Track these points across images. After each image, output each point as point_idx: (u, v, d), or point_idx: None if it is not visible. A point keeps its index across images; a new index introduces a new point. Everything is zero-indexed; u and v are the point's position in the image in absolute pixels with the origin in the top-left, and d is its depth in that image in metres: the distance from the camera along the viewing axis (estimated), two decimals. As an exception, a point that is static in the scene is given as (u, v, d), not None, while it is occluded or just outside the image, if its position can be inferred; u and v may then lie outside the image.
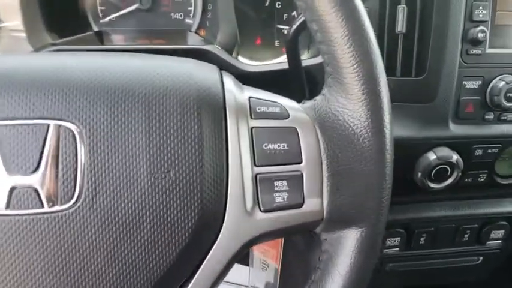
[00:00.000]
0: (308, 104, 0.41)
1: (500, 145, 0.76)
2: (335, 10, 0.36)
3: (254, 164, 0.38)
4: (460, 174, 0.75)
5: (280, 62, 0.79)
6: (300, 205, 0.38)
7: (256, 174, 0.38)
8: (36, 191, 0.34)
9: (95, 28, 0.80)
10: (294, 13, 0.85)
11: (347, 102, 0.38)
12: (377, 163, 0.38)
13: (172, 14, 0.82)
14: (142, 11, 0.81)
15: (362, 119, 0.38)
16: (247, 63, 0.73)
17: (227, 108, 0.38)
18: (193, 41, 0.78)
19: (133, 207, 0.35)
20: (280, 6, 0.85)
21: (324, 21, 0.37)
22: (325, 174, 0.39)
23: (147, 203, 0.35)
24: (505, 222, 0.90)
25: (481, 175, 0.78)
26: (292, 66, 0.62)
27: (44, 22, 0.69)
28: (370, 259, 0.40)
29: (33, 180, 0.34)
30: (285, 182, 0.38)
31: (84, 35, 0.76)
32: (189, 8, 0.82)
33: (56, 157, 0.35)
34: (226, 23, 0.73)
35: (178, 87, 0.37)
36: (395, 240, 0.91)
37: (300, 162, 0.39)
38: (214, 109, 0.38)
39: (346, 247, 0.40)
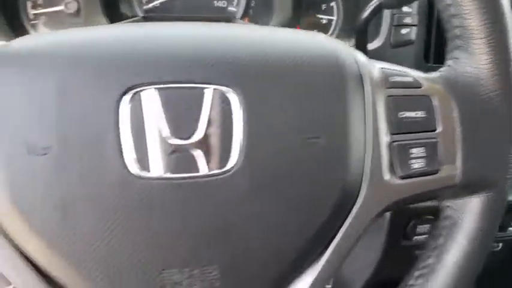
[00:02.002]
0: (435, 74, 0.43)
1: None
2: None
3: (390, 132, 0.39)
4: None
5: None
6: (435, 171, 0.40)
7: (393, 142, 0.39)
8: (193, 155, 0.34)
9: (140, 14, 0.79)
10: (333, 4, 0.87)
11: (478, 72, 0.40)
12: (510, 132, 0.39)
13: (216, 2, 0.82)
14: (186, -3, 0.81)
15: (495, 86, 0.39)
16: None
17: (363, 79, 0.39)
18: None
19: (285, 172, 0.35)
20: (318, -3, 0.87)
21: None
22: (458, 140, 0.40)
23: (298, 167, 0.36)
24: (528, 209, 0.93)
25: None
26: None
27: (101, 6, 0.68)
28: (495, 224, 0.42)
29: (192, 144, 0.34)
30: (420, 149, 0.39)
31: (133, 19, 0.75)
32: (232, -4, 0.83)
33: (213, 122, 0.34)
34: (282, 11, 0.73)
35: (321, 60, 0.38)
36: (425, 228, 0.93)
37: (435, 130, 0.40)
38: (354, 80, 0.38)
39: (472, 212, 0.41)
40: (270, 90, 0.36)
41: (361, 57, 0.41)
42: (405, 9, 0.74)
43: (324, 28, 0.88)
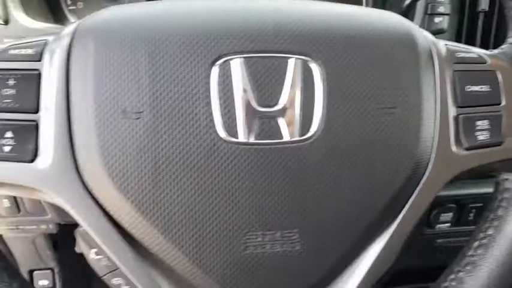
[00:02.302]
0: (496, 51, 0.44)
1: None
2: None
3: (457, 105, 0.40)
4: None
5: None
6: (499, 143, 0.41)
7: (460, 114, 0.40)
8: (277, 122, 0.35)
9: None
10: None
11: None
12: None
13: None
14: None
15: None
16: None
17: (433, 55, 0.40)
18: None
19: (362, 140, 0.37)
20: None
21: None
22: None
23: (375, 136, 0.37)
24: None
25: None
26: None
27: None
28: None
29: (276, 111, 0.36)
30: (485, 122, 0.41)
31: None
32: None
33: (296, 91, 0.36)
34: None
35: (396, 35, 0.39)
36: (448, 216, 0.95)
37: (499, 103, 0.41)
38: (425, 55, 0.40)
39: None
40: (349, 61, 0.37)
41: (428, 34, 0.42)
42: (438, -2, 0.75)
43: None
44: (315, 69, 0.36)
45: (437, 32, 0.76)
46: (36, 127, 0.34)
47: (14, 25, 0.61)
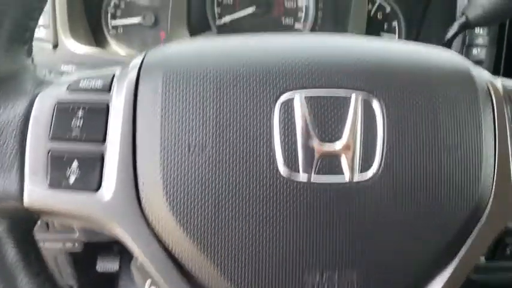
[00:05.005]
0: None
1: None
2: None
3: None
4: None
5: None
6: None
7: None
8: (339, 161, 0.35)
9: (214, 30, 0.82)
10: (395, 23, 0.89)
11: None
12: None
13: (283, 19, 0.85)
14: (256, 15, 0.83)
15: None
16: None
17: (491, 92, 0.40)
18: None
19: (422, 181, 0.36)
20: (381, 17, 0.89)
21: None
22: None
23: (435, 177, 0.36)
24: None
25: None
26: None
27: (186, 19, 0.70)
28: None
29: (337, 150, 0.35)
30: None
31: (207, 34, 0.78)
32: (300, 15, 0.85)
33: (357, 128, 0.35)
34: (356, 29, 0.75)
35: (455, 73, 0.39)
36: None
37: None
38: (484, 93, 0.39)
39: None
40: (410, 99, 0.36)
41: (484, 72, 0.42)
42: (477, 30, 0.75)
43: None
44: (376, 106, 0.36)
45: (475, 64, 0.76)
46: (101, 158, 0.35)
47: (62, 49, 0.63)
